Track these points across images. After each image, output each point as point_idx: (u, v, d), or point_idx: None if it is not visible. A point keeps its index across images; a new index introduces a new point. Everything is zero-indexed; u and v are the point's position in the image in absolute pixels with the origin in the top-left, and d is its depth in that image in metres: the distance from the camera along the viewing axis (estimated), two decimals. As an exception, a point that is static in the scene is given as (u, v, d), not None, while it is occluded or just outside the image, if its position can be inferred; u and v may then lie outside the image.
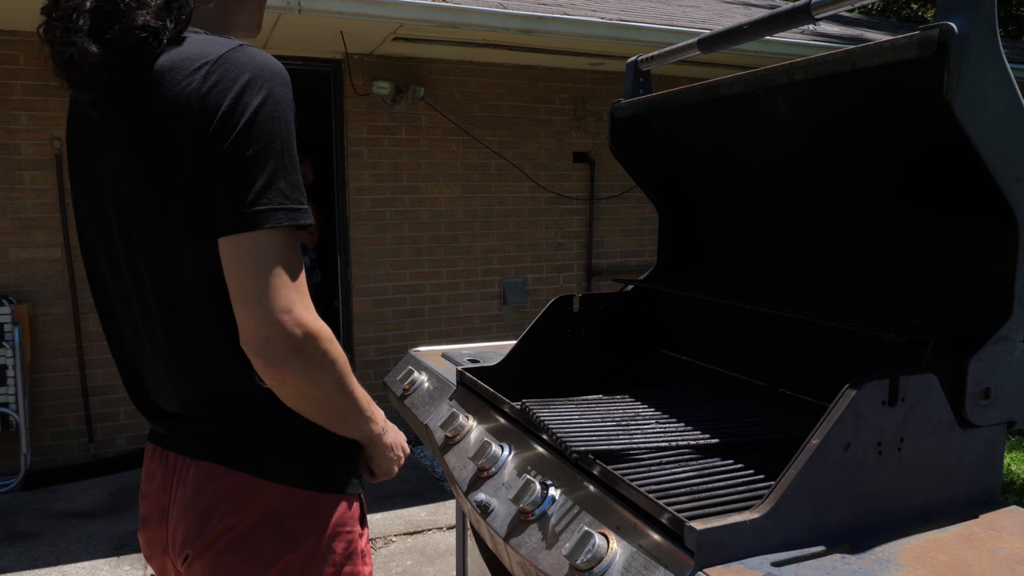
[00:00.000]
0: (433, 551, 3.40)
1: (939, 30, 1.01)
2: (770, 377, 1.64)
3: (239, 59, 0.96)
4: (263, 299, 0.94)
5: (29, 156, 4.13)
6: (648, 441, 1.30)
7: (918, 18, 13.12)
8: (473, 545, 1.93)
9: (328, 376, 1.02)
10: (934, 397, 1.05)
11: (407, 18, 3.82)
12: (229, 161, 0.94)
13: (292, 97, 0.99)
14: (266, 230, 0.94)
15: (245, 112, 0.93)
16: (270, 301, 0.94)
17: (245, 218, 0.94)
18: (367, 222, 4.88)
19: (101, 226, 1.14)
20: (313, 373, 1.00)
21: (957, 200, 1.24)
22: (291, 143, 0.97)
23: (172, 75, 0.96)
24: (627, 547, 0.98)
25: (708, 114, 1.64)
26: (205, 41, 1.00)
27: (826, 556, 0.94)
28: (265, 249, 0.94)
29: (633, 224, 5.71)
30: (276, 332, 0.94)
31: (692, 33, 4.46)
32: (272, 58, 1.00)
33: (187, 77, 0.95)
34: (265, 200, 0.94)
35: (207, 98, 0.93)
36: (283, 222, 0.95)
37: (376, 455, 1.22)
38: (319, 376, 1.01)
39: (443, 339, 5.10)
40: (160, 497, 1.16)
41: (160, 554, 1.19)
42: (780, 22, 1.40)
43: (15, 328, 4.06)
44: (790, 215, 1.64)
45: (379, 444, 1.20)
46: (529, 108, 5.24)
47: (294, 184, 0.97)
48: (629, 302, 1.93)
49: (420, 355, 2.08)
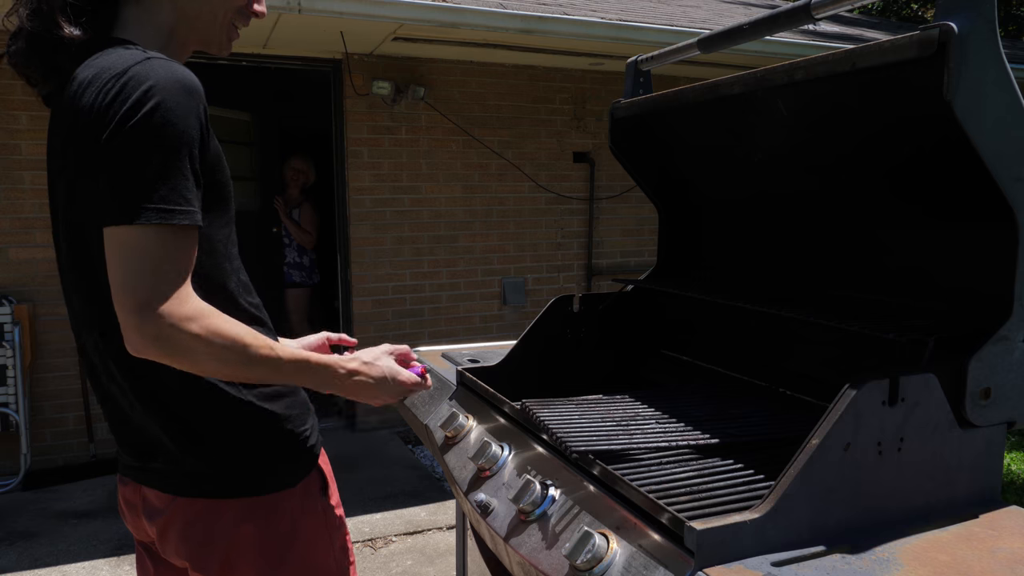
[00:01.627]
0: (433, 551, 3.40)
1: (939, 30, 1.01)
2: (770, 377, 1.64)
3: (141, 71, 1.02)
4: (125, 290, 0.99)
5: (29, 156, 4.13)
6: (648, 441, 1.30)
7: (918, 18, 13.12)
8: (473, 545, 1.93)
9: (212, 356, 1.03)
10: (934, 397, 1.05)
11: (407, 18, 3.82)
12: (115, 160, 1.00)
13: (196, 107, 1.04)
14: (137, 226, 0.99)
15: (135, 116, 0.99)
16: (130, 293, 0.99)
17: (120, 212, 0.99)
18: (367, 222, 4.88)
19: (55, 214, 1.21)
20: (189, 358, 1.02)
21: (957, 200, 1.24)
22: (178, 149, 1.02)
23: (90, 86, 1.04)
24: (627, 547, 0.98)
25: (708, 114, 1.64)
26: (120, 55, 1.06)
27: (826, 556, 0.94)
28: (135, 243, 0.99)
29: (633, 224, 5.71)
30: (133, 322, 0.99)
31: (692, 33, 4.46)
32: (179, 69, 1.05)
33: (98, 89, 1.02)
34: (142, 198, 0.99)
35: (108, 107, 1.00)
36: (152, 220, 0.99)
37: (349, 395, 1.23)
38: (198, 359, 1.03)
39: (443, 339, 5.10)
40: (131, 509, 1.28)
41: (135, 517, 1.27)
42: (780, 22, 1.40)
43: (15, 328, 4.06)
44: (790, 215, 1.64)
45: (348, 388, 1.21)
46: (529, 108, 5.24)
47: (174, 187, 1.02)
48: (629, 302, 1.93)
49: (420, 355, 2.08)
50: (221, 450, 1.17)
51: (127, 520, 1.29)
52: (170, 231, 1.01)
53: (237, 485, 1.18)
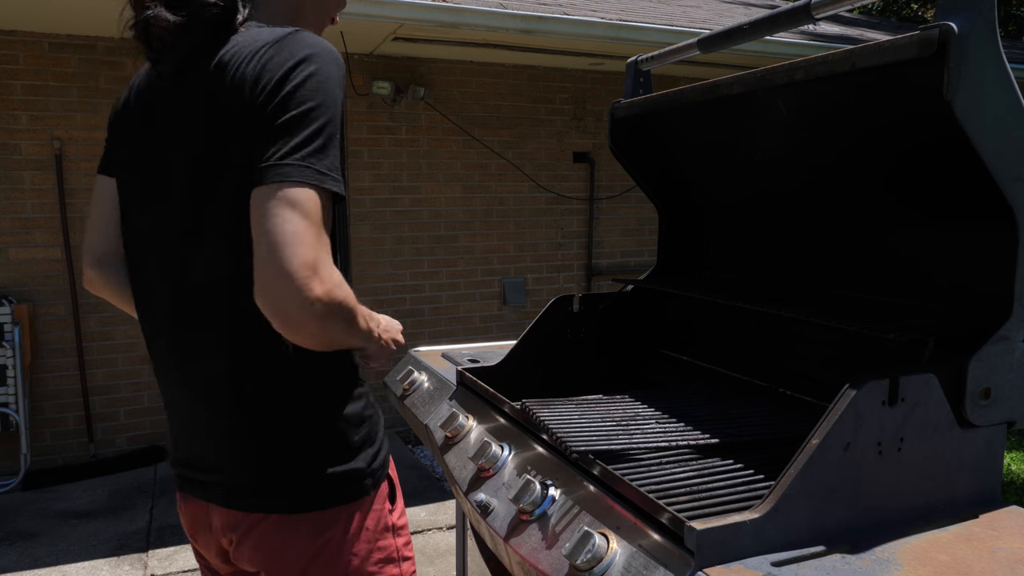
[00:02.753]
0: (433, 551, 3.39)
1: (939, 30, 1.01)
2: (770, 377, 1.64)
3: (293, 40, 1.02)
4: (287, 249, 0.94)
5: (29, 156, 4.13)
6: (648, 441, 1.30)
7: (918, 18, 13.12)
8: (473, 545, 1.93)
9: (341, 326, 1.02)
10: (934, 397, 1.05)
11: (407, 18, 3.82)
12: (272, 123, 0.98)
13: (343, 77, 1.05)
14: (306, 187, 0.96)
15: (293, 80, 0.98)
16: (294, 253, 0.94)
17: (280, 170, 0.96)
18: (367, 222, 4.88)
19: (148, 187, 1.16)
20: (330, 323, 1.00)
21: (957, 200, 1.24)
22: (334, 118, 1.01)
23: (234, 60, 1.03)
24: (627, 547, 0.98)
25: (708, 114, 1.64)
26: (265, 31, 1.06)
27: (826, 556, 0.94)
28: (303, 205, 0.96)
29: (633, 224, 5.71)
30: (296, 282, 0.94)
31: (692, 33, 4.46)
32: (325, 41, 1.05)
33: (246, 59, 1.01)
34: (312, 160, 0.97)
35: (261, 73, 0.99)
36: (324, 184, 0.98)
37: (372, 353, 1.22)
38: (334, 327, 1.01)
39: (443, 339, 5.10)
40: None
41: (204, 532, 1.23)
42: (780, 22, 1.40)
43: (15, 328, 4.06)
44: (790, 215, 1.64)
45: (374, 345, 1.19)
46: (529, 108, 5.24)
47: (335, 156, 1.01)
48: (629, 302, 1.93)
49: (420, 355, 2.08)
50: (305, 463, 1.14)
51: (198, 541, 1.26)
52: (328, 198, 1.00)
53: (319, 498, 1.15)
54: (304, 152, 0.97)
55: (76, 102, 4.18)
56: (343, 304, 1.00)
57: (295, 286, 0.93)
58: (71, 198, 4.22)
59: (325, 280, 0.96)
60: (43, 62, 4.10)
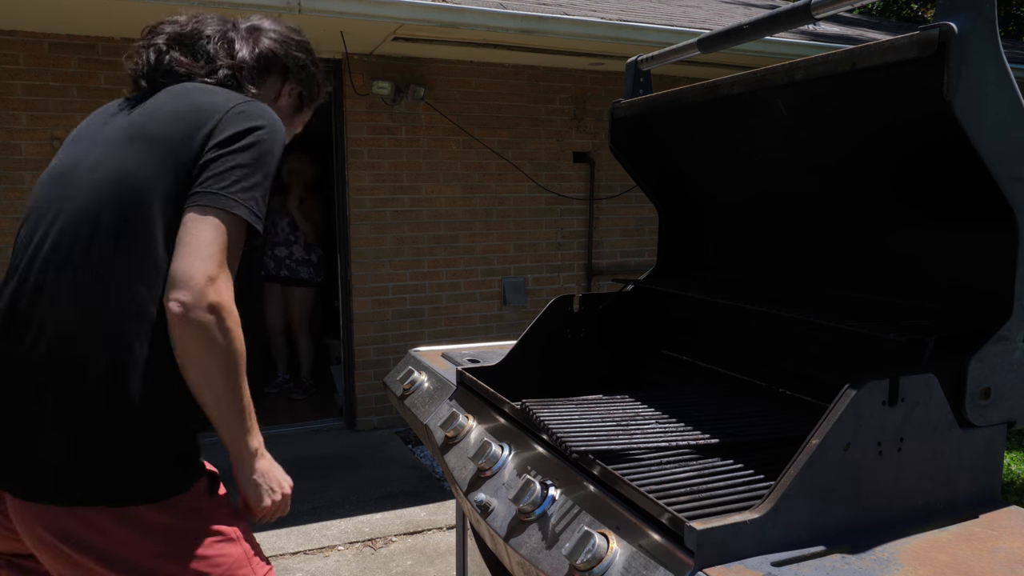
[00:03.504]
0: (433, 551, 3.40)
1: (939, 30, 1.01)
2: (770, 377, 1.64)
3: (258, 107, 1.32)
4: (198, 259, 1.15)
5: (29, 156, 4.13)
6: (648, 441, 1.31)
7: (918, 18, 13.12)
8: (473, 545, 1.93)
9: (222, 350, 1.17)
10: (934, 397, 1.05)
11: (407, 18, 3.82)
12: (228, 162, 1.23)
13: (281, 147, 1.32)
14: (229, 215, 1.19)
15: (251, 136, 1.26)
16: (203, 263, 1.15)
17: (221, 199, 1.19)
18: (367, 222, 4.88)
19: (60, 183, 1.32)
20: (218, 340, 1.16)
21: (957, 200, 1.24)
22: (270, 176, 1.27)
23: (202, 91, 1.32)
24: (627, 547, 0.98)
25: (708, 114, 1.64)
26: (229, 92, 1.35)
27: (826, 556, 0.94)
28: (221, 228, 1.18)
29: (633, 224, 5.71)
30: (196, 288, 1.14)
31: (692, 33, 4.46)
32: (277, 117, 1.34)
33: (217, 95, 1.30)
34: (243, 195, 1.21)
35: (229, 116, 1.26)
36: (244, 216, 1.21)
37: (245, 478, 1.29)
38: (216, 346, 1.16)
39: (443, 339, 5.10)
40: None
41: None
42: (780, 22, 1.40)
43: (15, 328, 4.06)
44: (790, 215, 1.64)
45: (249, 464, 1.28)
46: (529, 108, 5.24)
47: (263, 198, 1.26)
48: (629, 302, 1.93)
49: (420, 355, 2.08)
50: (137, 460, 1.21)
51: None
52: (245, 228, 1.22)
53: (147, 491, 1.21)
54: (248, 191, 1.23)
55: (76, 102, 4.18)
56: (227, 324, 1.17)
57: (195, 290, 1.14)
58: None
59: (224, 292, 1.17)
60: (43, 62, 4.10)
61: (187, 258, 1.15)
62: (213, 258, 1.16)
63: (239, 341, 1.19)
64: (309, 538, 3.47)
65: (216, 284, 1.15)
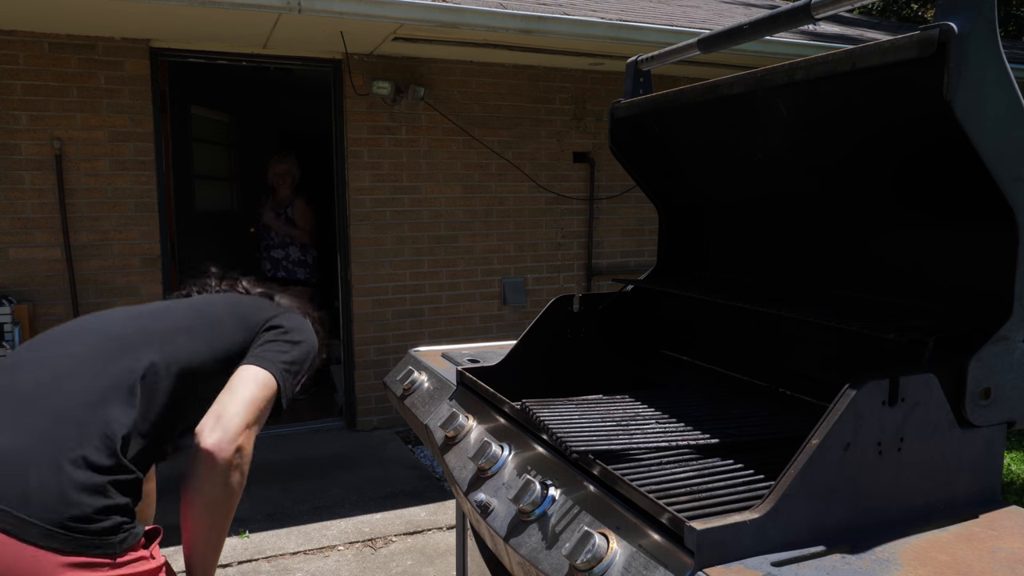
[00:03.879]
0: (433, 551, 3.40)
1: (939, 30, 1.01)
2: (770, 377, 1.64)
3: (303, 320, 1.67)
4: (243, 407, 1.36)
5: (29, 156, 4.13)
6: (648, 441, 1.30)
7: (918, 18, 13.12)
8: (473, 545, 1.93)
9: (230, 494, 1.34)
10: (934, 397, 1.05)
11: (407, 18, 3.82)
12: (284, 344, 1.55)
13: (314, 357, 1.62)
14: (272, 376, 1.45)
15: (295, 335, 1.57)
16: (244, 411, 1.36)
17: (270, 364, 1.46)
18: (367, 222, 4.88)
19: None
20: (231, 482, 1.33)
21: (957, 200, 1.24)
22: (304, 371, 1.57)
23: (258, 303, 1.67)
24: (627, 547, 0.98)
25: (708, 114, 1.64)
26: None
27: (826, 556, 0.94)
28: (263, 383, 1.43)
29: (633, 224, 5.71)
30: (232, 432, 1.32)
31: (692, 33, 4.46)
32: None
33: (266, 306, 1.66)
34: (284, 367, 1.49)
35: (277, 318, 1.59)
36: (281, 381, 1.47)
37: None
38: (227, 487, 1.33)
39: (443, 339, 5.10)
40: None
41: None
42: (780, 22, 1.40)
43: (15, 328, 4.06)
44: (790, 215, 1.64)
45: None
46: (529, 108, 5.24)
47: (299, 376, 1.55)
48: (629, 302, 1.93)
49: (420, 355, 2.08)
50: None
51: None
52: (278, 393, 1.46)
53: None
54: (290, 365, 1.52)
55: (76, 102, 4.18)
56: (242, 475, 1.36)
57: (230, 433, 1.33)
58: (71, 198, 4.22)
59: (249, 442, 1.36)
60: (43, 62, 4.10)
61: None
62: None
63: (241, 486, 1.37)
64: (309, 538, 3.47)
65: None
